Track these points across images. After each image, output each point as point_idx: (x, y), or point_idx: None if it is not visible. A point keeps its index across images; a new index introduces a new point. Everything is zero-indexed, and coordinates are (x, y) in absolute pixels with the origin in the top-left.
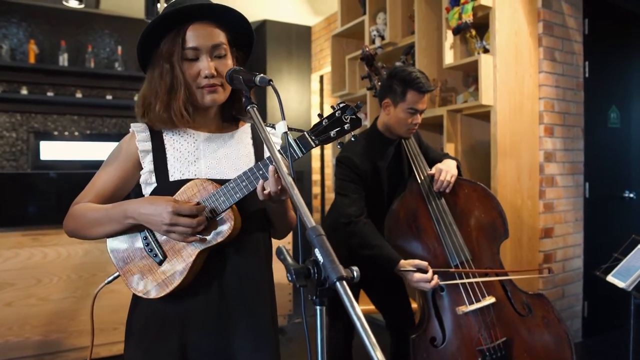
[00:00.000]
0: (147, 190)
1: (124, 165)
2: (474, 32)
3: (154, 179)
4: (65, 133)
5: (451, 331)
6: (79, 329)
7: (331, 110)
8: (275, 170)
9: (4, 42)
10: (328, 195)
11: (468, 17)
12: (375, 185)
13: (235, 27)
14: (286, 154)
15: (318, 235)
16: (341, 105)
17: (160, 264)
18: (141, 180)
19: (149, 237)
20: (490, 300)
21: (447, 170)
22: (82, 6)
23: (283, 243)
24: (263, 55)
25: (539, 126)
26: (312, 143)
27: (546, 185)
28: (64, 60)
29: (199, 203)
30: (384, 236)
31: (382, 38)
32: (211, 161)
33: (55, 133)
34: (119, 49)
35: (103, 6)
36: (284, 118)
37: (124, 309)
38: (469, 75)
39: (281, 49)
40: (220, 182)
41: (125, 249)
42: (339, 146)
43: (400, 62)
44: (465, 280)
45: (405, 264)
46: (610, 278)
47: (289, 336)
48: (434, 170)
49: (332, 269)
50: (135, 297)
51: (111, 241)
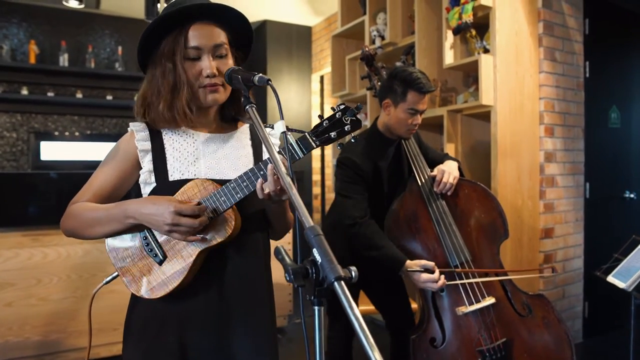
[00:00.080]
0: (147, 189)
1: (123, 165)
2: (474, 32)
3: (153, 178)
4: (66, 133)
5: (451, 332)
6: (79, 329)
7: (331, 111)
8: (274, 170)
9: (5, 43)
10: (328, 195)
11: (468, 17)
12: (376, 186)
13: (236, 27)
14: (286, 154)
15: (316, 235)
16: (341, 106)
17: (160, 264)
18: (140, 180)
19: (148, 237)
20: (490, 300)
21: (450, 172)
22: (83, 6)
23: (283, 243)
24: (263, 56)
25: (540, 126)
26: (313, 144)
27: (546, 186)
28: (64, 60)
29: (200, 203)
30: None
31: (382, 38)
32: (211, 161)
33: (55, 133)
34: (119, 49)
35: (103, 6)
36: (282, 118)
37: (124, 309)
38: (469, 75)
39: (281, 49)
40: (220, 183)
41: (124, 248)
42: (339, 147)
43: (400, 62)
44: (466, 280)
45: (412, 264)
46: (610, 278)
47: (289, 336)
48: (435, 172)
49: (330, 269)
50: (133, 297)
51: (110, 241)
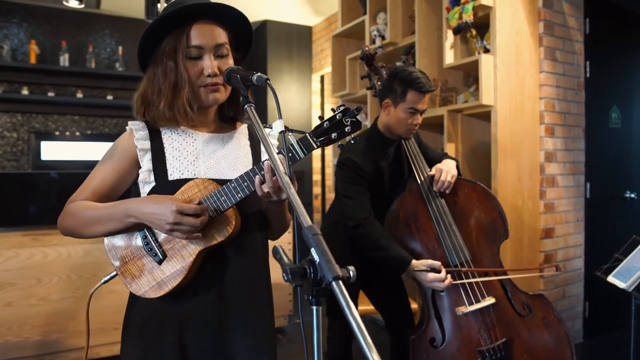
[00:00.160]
0: (146, 189)
1: (121, 164)
2: (474, 32)
3: (152, 178)
4: (66, 133)
5: (451, 332)
6: (79, 329)
7: (331, 112)
8: (271, 167)
9: (5, 43)
10: (329, 195)
11: (468, 17)
12: (378, 185)
13: (236, 27)
14: (287, 153)
15: (314, 234)
16: (341, 108)
17: (159, 263)
18: (140, 179)
19: (148, 237)
20: (490, 300)
21: (448, 171)
22: (83, 6)
23: (283, 243)
24: (264, 56)
25: (540, 126)
26: (314, 144)
27: (547, 186)
28: (64, 60)
29: (201, 202)
30: None
31: (383, 38)
32: (210, 161)
33: (56, 133)
34: (120, 49)
35: (104, 6)
36: (280, 117)
37: (124, 309)
38: (470, 75)
39: (282, 49)
40: (219, 182)
41: (123, 248)
42: (339, 147)
43: (400, 62)
44: (469, 280)
45: (418, 264)
46: (610, 278)
47: (289, 336)
48: (434, 171)
49: (328, 268)
50: (132, 297)
51: (109, 240)
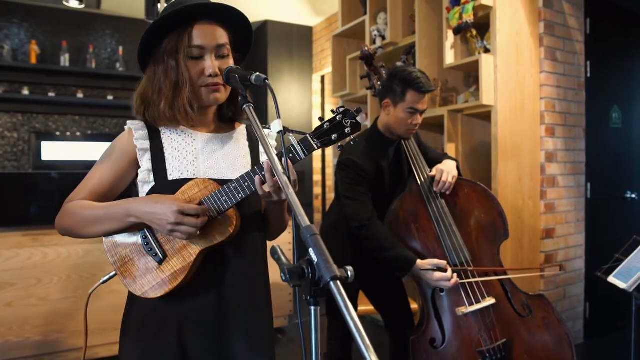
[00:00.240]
0: (145, 188)
1: (120, 163)
2: (474, 32)
3: (152, 177)
4: (67, 133)
5: (451, 332)
6: (79, 329)
7: (331, 113)
8: (270, 167)
9: (6, 43)
10: (329, 195)
11: (469, 17)
12: (378, 186)
13: (237, 28)
14: (287, 154)
15: (312, 234)
16: (341, 109)
17: (160, 263)
18: (139, 179)
19: (148, 236)
20: (490, 301)
21: (448, 172)
22: (83, 6)
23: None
24: (264, 56)
25: (540, 126)
26: (315, 145)
27: (547, 186)
28: (65, 60)
29: (202, 202)
30: None
31: (383, 38)
32: (209, 161)
33: (56, 133)
34: (120, 49)
35: (104, 6)
36: (279, 117)
37: (124, 309)
38: (470, 75)
39: (282, 50)
40: (219, 182)
41: (123, 248)
42: (339, 149)
43: (401, 62)
44: (472, 279)
45: (424, 263)
46: (611, 279)
47: (290, 337)
48: (434, 171)
49: (326, 268)
50: (131, 296)
51: (108, 240)
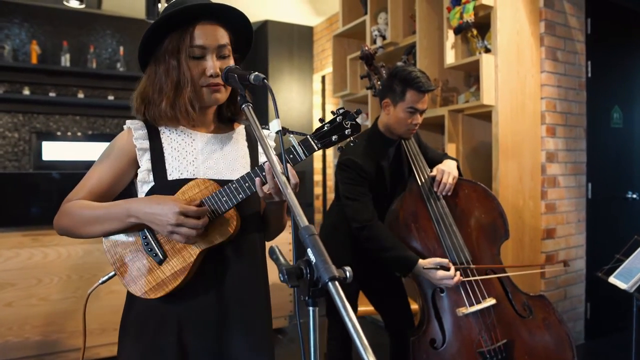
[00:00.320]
0: (144, 188)
1: (119, 163)
2: (475, 32)
3: (151, 177)
4: (68, 133)
5: (451, 333)
6: (79, 329)
7: (331, 114)
8: (270, 168)
9: (7, 43)
10: (330, 195)
11: (469, 17)
12: (379, 186)
13: (238, 28)
14: (289, 155)
15: (310, 234)
16: (341, 111)
17: (159, 263)
18: (138, 178)
19: (148, 237)
20: (490, 301)
21: (449, 172)
22: (83, 6)
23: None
24: (265, 56)
25: (541, 126)
26: (315, 146)
27: (548, 186)
28: (66, 60)
29: (202, 203)
30: None
31: (384, 38)
32: (209, 161)
33: (57, 133)
34: (121, 49)
35: (105, 7)
36: (277, 116)
37: None
38: (471, 75)
39: (283, 50)
40: (219, 183)
41: (123, 248)
42: (339, 150)
43: (401, 62)
44: (474, 277)
45: (426, 262)
46: (612, 279)
47: (290, 337)
48: (435, 172)
49: (325, 269)
50: (130, 297)
51: (107, 240)
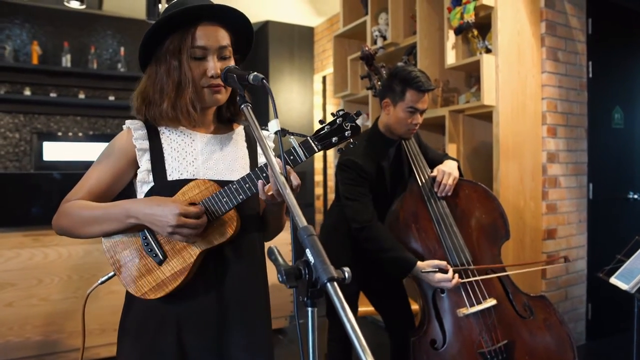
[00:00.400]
0: (144, 189)
1: (118, 163)
2: (476, 32)
3: (151, 178)
4: (69, 134)
5: (452, 333)
6: (79, 329)
7: (332, 115)
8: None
9: (7, 43)
10: (330, 196)
11: (470, 17)
12: (380, 186)
13: (238, 29)
14: (289, 156)
15: (309, 235)
16: (341, 113)
17: (159, 264)
18: (138, 179)
19: (148, 237)
20: (491, 302)
21: (449, 173)
22: (84, 7)
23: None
24: (265, 56)
25: (542, 127)
26: (315, 148)
27: (549, 186)
28: (66, 61)
29: (202, 203)
30: None
31: (384, 38)
32: (209, 162)
33: (58, 134)
34: (122, 49)
35: (106, 7)
36: (276, 116)
37: None
38: (471, 75)
39: (284, 50)
40: (219, 183)
41: (122, 248)
42: (338, 152)
43: (402, 63)
44: (473, 278)
45: (424, 265)
46: (613, 280)
47: (290, 337)
48: (435, 172)
49: (323, 269)
50: (129, 297)
51: (107, 240)
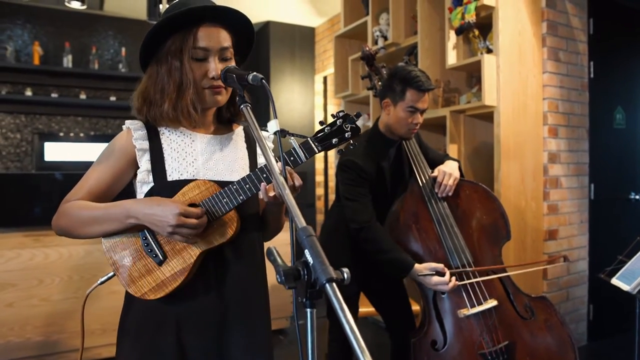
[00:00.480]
0: (144, 189)
1: (118, 163)
2: (477, 32)
3: (151, 178)
4: (70, 134)
5: (452, 334)
6: (80, 329)
7: (332, 117)
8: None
9: (9, 44)
10: (331, 196)
11: (471, 17)
12: (380, 186)
13: (240, 30)
14: (289, 157)
15: (308, 236)
16: (341, 114)
17: (159, 264)
18: (137, 179)
19: (148, 237)
20: (492, 303)
21: (450, 173)
22: (85, 7)
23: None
24: (267, 57)
25: (543, 127)
26: (316, 149)
27: (550, 187)
28: (68, 61)
29: (203, 204)
30: None
31: (385, 38)
32: (209, 162)
33: (59, 134)
34: (123, 50)
35: (107, 8)
36: (275, 117)
37: None
38: (472, 75)
39: (285, 50)
40: (219, 184)
41: (122, 248)
42: (339, 153)
43: (403, 63)
44: (473, 279)
45: (422, 268)
46: (614, 281)
47: (291, 338)
48: (436, 172)
49: (322, 270)
50: (128, 297)
51: (107, 241)
